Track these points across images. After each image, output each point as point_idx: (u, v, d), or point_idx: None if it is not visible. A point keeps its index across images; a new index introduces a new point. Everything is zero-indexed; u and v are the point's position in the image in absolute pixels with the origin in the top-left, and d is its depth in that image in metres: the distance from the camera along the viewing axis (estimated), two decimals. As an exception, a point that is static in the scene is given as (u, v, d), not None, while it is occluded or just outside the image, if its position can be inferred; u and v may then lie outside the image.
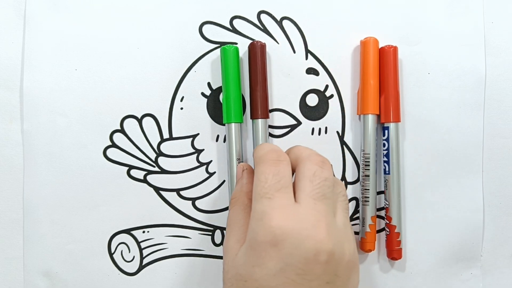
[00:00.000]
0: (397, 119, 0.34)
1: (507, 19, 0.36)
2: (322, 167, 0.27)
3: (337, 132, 0.35)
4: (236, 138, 0.33)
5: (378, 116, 0.34)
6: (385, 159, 0.34)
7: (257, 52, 0.33)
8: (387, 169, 0.34)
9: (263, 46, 0.33)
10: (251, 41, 0.34)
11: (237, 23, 0.34)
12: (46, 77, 0.34)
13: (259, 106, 0.33)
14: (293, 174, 0.28)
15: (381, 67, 0.34)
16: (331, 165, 0.28)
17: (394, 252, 0.34)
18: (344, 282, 0.25)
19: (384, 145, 0.34)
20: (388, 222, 0.34)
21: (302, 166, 0.27)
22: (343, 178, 0.36)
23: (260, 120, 0.33)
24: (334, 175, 0.31)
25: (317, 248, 0.24)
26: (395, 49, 0.34)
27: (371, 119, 0.34)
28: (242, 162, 0.33)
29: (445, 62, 0.35)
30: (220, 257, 0.35)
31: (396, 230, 0.34)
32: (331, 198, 0.27)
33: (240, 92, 0.34)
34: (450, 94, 0.35)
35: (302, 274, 0.24)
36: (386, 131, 0.34)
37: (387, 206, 0.34)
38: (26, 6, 0.34)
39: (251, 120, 0.34)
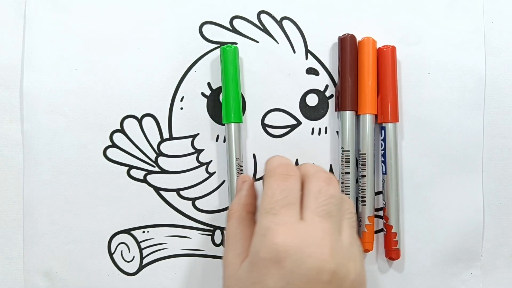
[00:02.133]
0: (395, 119, 0.34)
1: (507, 19, 0.36)
2: (328, 184, 0.26)
3: (337, 132, 0.35)
4: (236, 138, 0.33)
5: (377, 116, 0.34)
6: (383, 159, 0.34)
7: (347, 44, 0.33)
8: (384, 169, 0.34)
9: (353, 38, 0.33)
10: (251, 41, 0.34)
11: (237, 23, 0.34)
12: (46, 77, 0.34)
13: (348, 97, 0.33)
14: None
15: (379, 67, 0.34)
16: (338, 181, 0.27)
17: (391, 252, 0.34)
18: None
19: (381, 145, 0.34)
20: (385, 222, 0.34)
21: (308, 183, 0.27)
22: (343, 178, 0.36)
23: (348, 112, 0.33)
24: (341, 192, 0.30)
25: (320, 267, 0.23)
26: (393, 49, 0.34)
27: (368, 119, 0.34)
28: (242, 162, 0.33)
29: (445, 62, 0.35)
30: (220, 257, 0.35)
31: (393, 230, 0.34)
32: (337, 215, 0.26)
33: (240, 92, 0.33)
34: (450, 94, 0.35)
35: None
36: (383, 131, 0.34)
37: (385, 206, 0.34)
38: (26, 6, 0.34)
39: (338, 112, 0.34)
